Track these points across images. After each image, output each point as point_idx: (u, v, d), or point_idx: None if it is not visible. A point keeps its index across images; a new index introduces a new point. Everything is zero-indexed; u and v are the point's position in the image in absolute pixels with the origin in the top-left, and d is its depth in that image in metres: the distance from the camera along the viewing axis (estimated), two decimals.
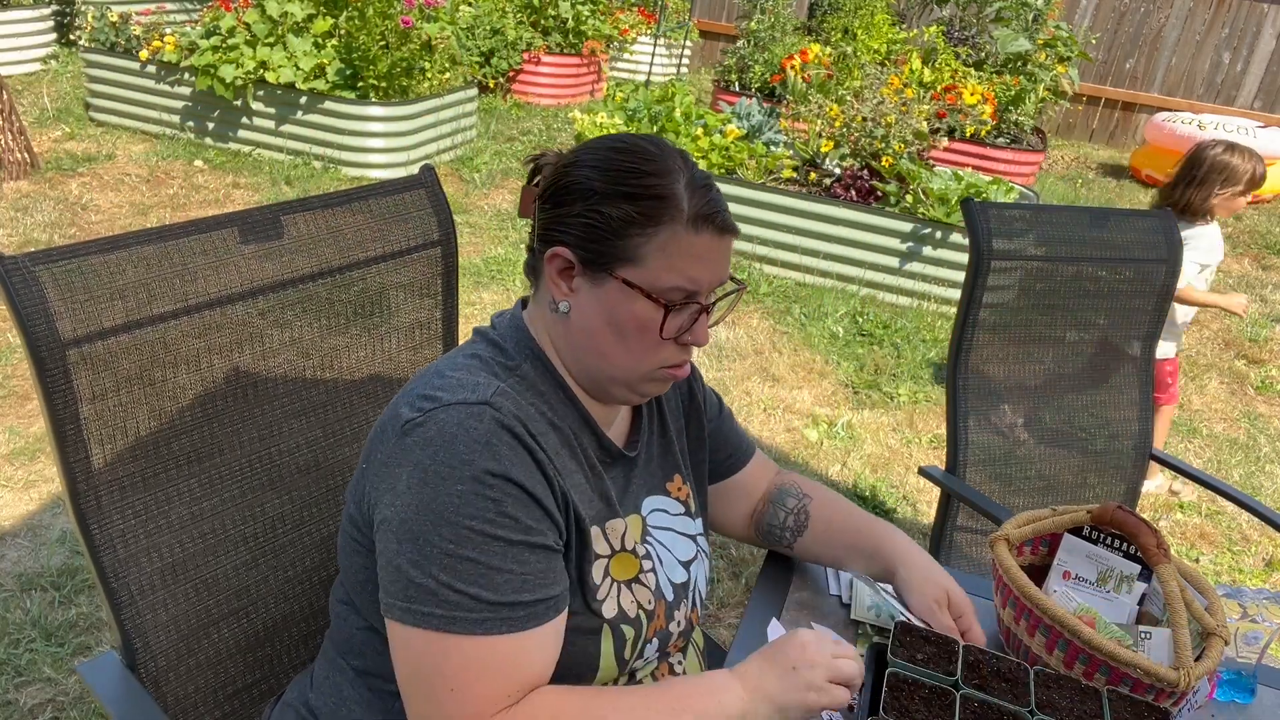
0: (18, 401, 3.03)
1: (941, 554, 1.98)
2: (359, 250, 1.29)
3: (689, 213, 0.95)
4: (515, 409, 0.94)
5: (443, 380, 0.95)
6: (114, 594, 1.11)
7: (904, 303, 4.48)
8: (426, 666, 0.89)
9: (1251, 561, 2.94)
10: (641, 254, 0.95)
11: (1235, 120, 6.83)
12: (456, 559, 0.87)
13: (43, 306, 0.99)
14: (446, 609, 0.87)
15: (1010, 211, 1.90)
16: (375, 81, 5.28)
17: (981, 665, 1.08)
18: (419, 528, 0.88)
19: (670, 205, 0.95)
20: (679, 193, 0.95)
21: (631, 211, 0.94)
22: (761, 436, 3.30)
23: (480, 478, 0.88)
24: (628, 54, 8.48)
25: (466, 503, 0.88)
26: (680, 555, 1.13)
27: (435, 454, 0.89)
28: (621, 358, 0.99)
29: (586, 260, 0.97)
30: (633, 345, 0.98)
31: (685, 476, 1.19)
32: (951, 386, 1.94)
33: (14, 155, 4.76)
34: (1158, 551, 1.15)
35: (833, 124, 4.92)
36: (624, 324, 0.97)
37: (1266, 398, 4.03)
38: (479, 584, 0.88)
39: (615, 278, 0.96)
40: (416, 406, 0.93)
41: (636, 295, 0.96)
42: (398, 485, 0.90)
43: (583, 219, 0.96)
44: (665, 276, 0.95)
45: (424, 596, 0.88)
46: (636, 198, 0.94)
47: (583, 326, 0.99)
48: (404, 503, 0.89)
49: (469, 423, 0.90)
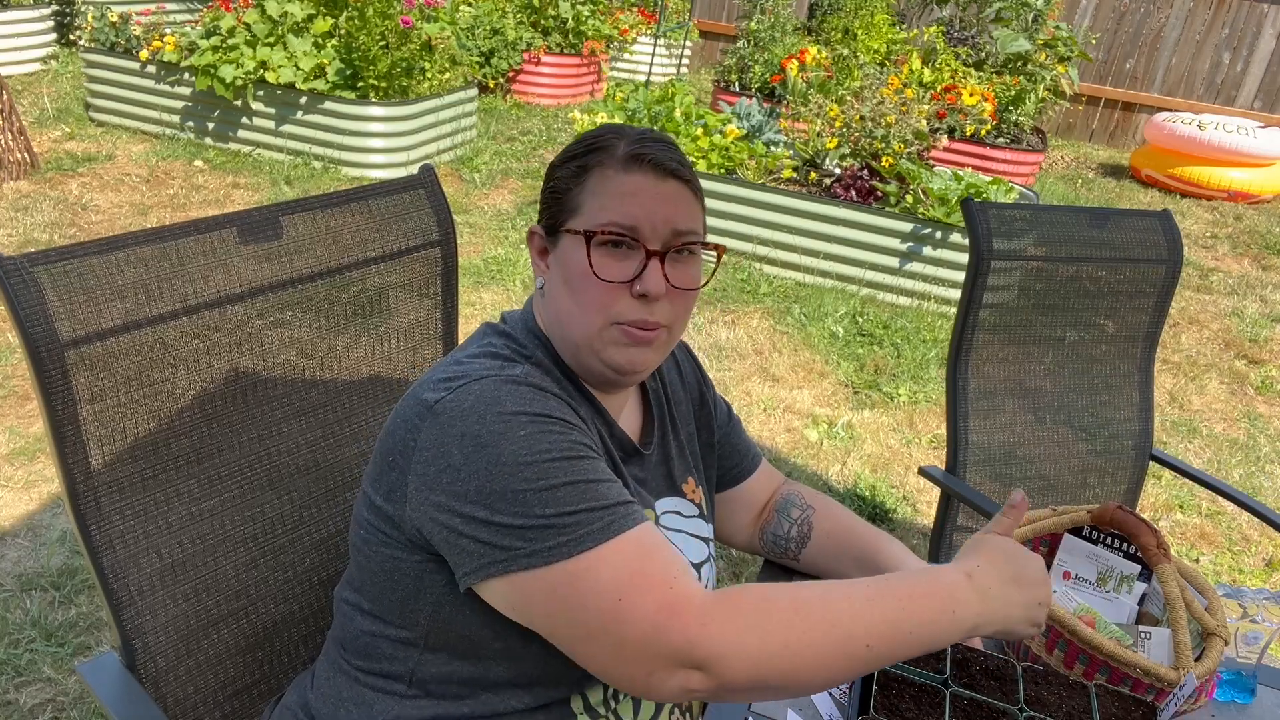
0: (18, 401, 3.03)
1: (941, 554, 1.98)
2: (358, 250, 1.29)
3: (621, 154, 0.97)
4: (542, 383, 0.94)
5: (461, 367, 0.95)
6: (113, 594, 1.11)
7: (904, 303, 4.48)
8: (581, 599, 0.83)
9: (1251, 561, 2.94)
10: (579, 201, 0.98)
11: (1235, 120, 6.82)
12: (552, 489, 0.84)
13: (41, 307, 0.99)
14: (570, 532, 0.83)
15: (1010, 211, 1.90)
16: (375, 81, 5.28)
17: (970, 663, 1.09)
18: (499, 485, 0.84)
19: (602, 150, 0.98)
20: (611, 141, 0.99)
21: (573, 167, 0.99)
22: (761, 436, 3.30)
23: (535, 420, 0.88)
24: (628, 54, 8.49)
25: (534, 443, 0.86)
26: (693, 557, 1.11)
27: (481, 417, 0.87)
28: (577, 315, 0.97)
29: (548, 229, 1.01)
30: (583, 298, 0.97)
31: (699, 480, 1.17)
32: (951, 386, 1.94)
33: (14, 155, 4.76)
34: (1158, 551, 1.15)
35: (833, 124, 4.92)
36: (573, 276, 0.97)
37: (1266, 398, 4.03)
38: (587, 498, 0.85)
39: (563, 232, 0.99)
40: (442, 387, 0.91)
41: (578, 241, 0.97)
42: (453, 461, 0.87)
43: (546, 192, 1.02)
44: (598, 215, 0.96)
45: (542, 534, 0.83)
46: (577, 155, 1.00)
47: (553, 296, 1.01)
48: (469, 472, 0.86)
49: (505, 387, 0.90)
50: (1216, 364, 4.28)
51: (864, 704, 1.04)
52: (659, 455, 1.13)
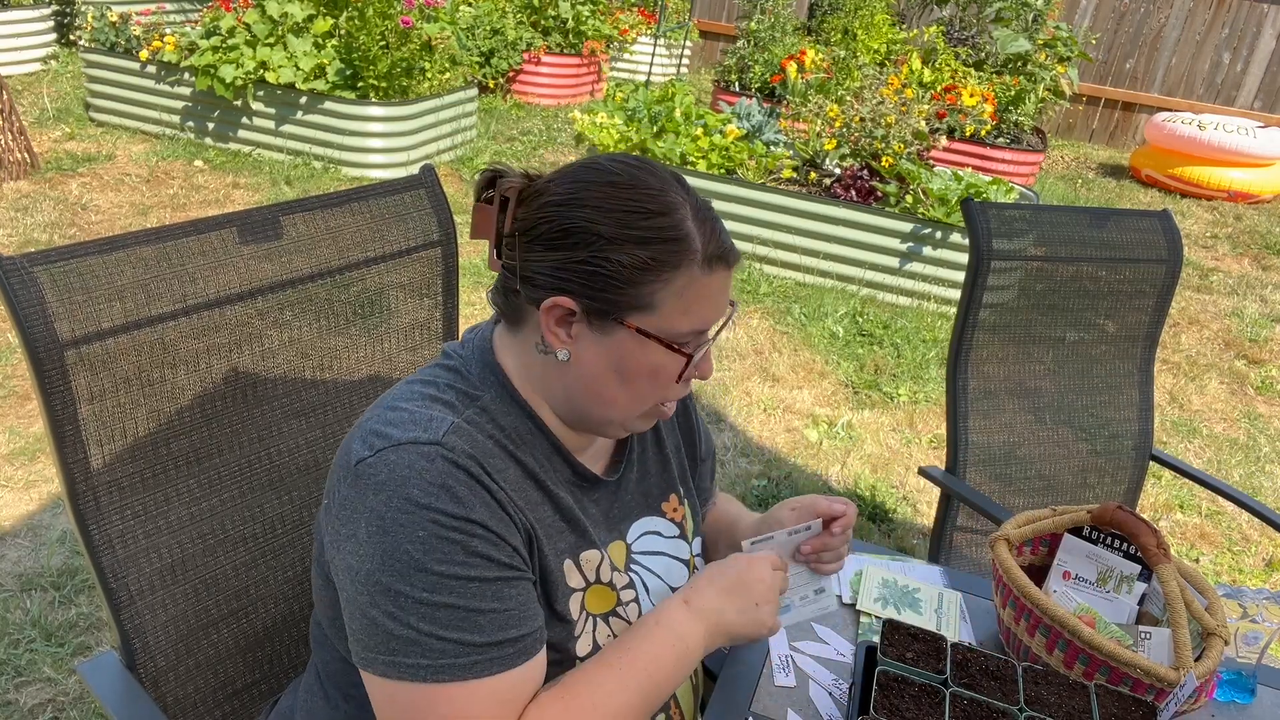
0: (18, 401, 3.03)
1: (941, 554, 1.98)
2: (358, 251, 1.29)
3: (703, 253, 0.90)
4: (469, 446, 0.89)
5: (395, 414, 0.90)
6: (113, 594, 1.11)
7: (904, 303, 4.48)
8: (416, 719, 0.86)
9: (1251, 561, 2.94)
10: (655, 300, 0.90)
11: (1235, 120, 6.82)
12: (434, 606, 0.84)
13: (41, 307, 0.99)
14: (432, 658, 0.84)
15: (1010, 211, 1.90)
16: (375, 81, 5.28)
17: (970, 663, 1.09)
18: (387, 579, 0.84)
19: (684, 247, 0.89)
20: (690, 231, 0.90)
21: (645, 258, 0.88)
22: (761, 436, 3.30)
23: (440, 521, 0.84)
24: (628, 54, 8.49)
25: (432, 548, 0.84)
26: (672, 581, 1.09)
27: (389, 500, 0.85)
28: (625, 402, 0.95)
29: (592, 309, 0.90)
30: (640, 390, 0.94)
31: (682, 496, 1.14)
32: (951, 386, 1.94)
33: (14, 155, 4.76)
34: (1158, 551, 1.15)
35: (832, 124, 4.92)
36: (634, 372, 0.93)
37: (1266, 398, 4.03)
38: (462, 628, 0.84)
39: (626, 326, 0.90)
40: (368, 443, 0.89)
41: (650, 343, 0.91)
42: (358, 533, 0.86)
43: (588, 266, 0.89)
44: (681, 321, 0.91)
45: (407, 648, 0.84)
46: (649, 242, 0.88)
47: (584, 374, 0.93)
48: (367, 553, 0.85)
49: (420, 464, 0.85)
50: (1216, 364, 4.28)
51: (864, 704, 1.04)
52: (639, 474, 1.09)
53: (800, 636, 1.23)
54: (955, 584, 1.37)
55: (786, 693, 1.13)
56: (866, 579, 1.33)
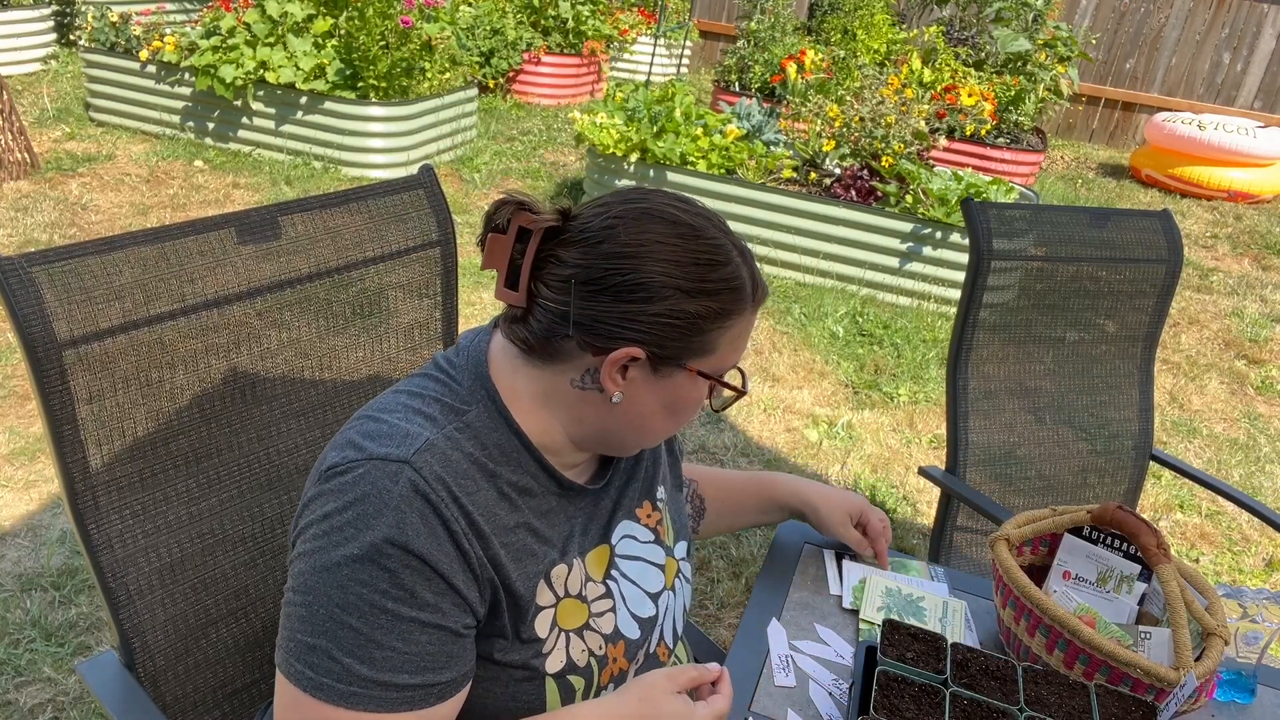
0: (18, 401, 3.03)
1: (941, 554, 1.98)
2: (358, 251, 1.29)
3: (753, 296, 0.95)
4: (441, 466, 0.87)
5: (375, 425, 0.90)
6: (112, 594, 1.11)
7: (904, 303, 4.48)
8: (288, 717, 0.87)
9: (1251, 561, 2.93)
10: (716, 344, 0.93)
11: (1235, 120, 6.82)
12: (339, 624, 0.84)
13: (39, 307, 0.99)
14: (317, 673, 0.84)
15: (1010, 211, 1.90)
16: (375, 81, 5.28)
17: (970, 663, 1.08)
18: (312, 582, 0.85)
19: (743, 294, 0.93)
20: (744, 277, 0.93)
21: (715, 308, 0.91)
22: (761, 437, 3.30)
23: (379, 545, 0.83)
24: (628, 54, 8.49)
25: (360, 568, 0.83)
26: (648, 587, 1.07)
27: (343, 510, 0.85)
28: (665, 431, 0.99)
29: (657, 357, 0.91)
30: (682, 420, 0.98)
31: (658, 502, 1.13)
32: (951, 386, 1.94)
33: (14, 155, 4.76)
34: (1158, 551, 1.15)
35: (832, 124, 4.92)
36: (683, 407, 0.96)
37: (1266, 398, 4.03)
38: (355, 655, 0.84)
39: (687, 370, 0.93)
40: (342, 452, 0.89)
41: (703, 381, 0.95)
42: (306, 533, 0.88)
43: (663, 319, 0.89)
44: (731, 358, 0.96)
45: (302, 653, 0.85)
46: (718, 294, 0.91)
47: (633, 412, 0.95)
48: (306, 551, 0.86)
49: (383, 483, 0.85)
50: (1216, 364, 4.28)
51: (864, 704, 1.04)
52: (622, 480, 1.08)
53: (800, 636, 1.23)
54: (956, 584, 1.37)
55: (786, 693, 1.13)
56: (870, 588, 1.32)
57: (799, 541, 1.42)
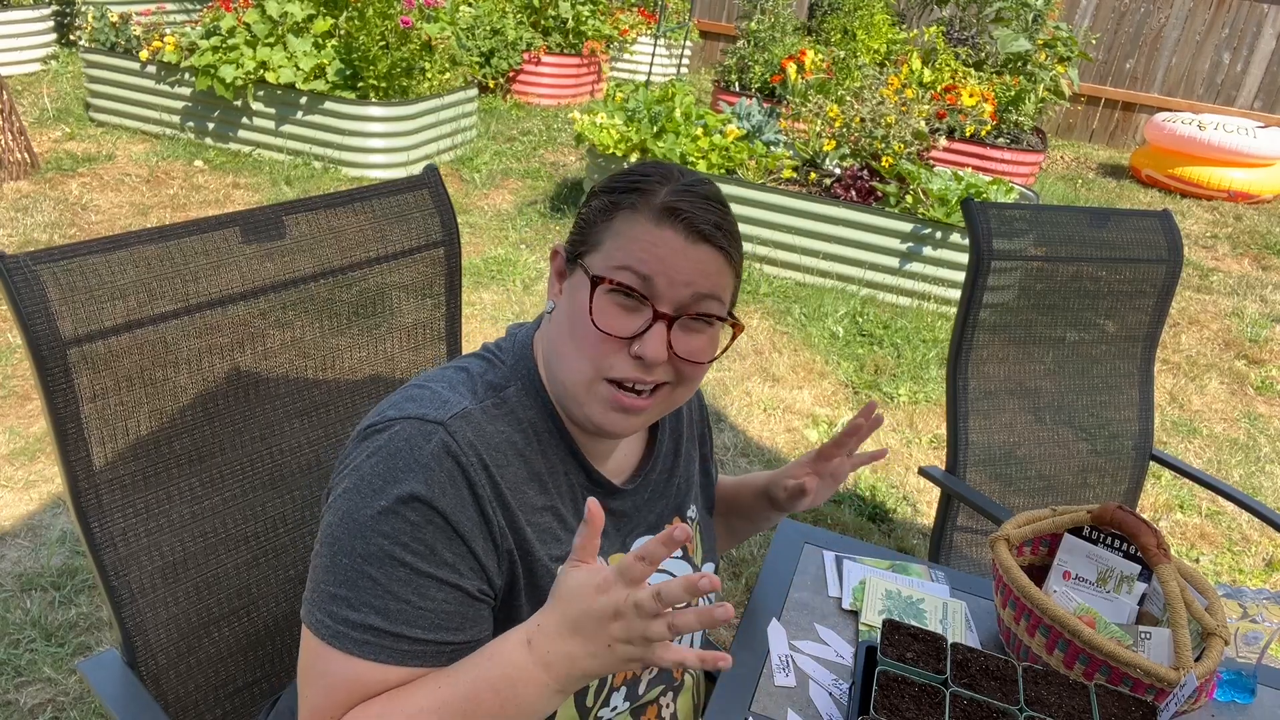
0: (18, 401, 3.03)
1: (941, 554, 1.99)
2: (360, 251, 1.29)
3: (658, 203, 0.89)
4: (475, 435, 0.89)
5: (419, 390, 0.93)
6: (114, 592, 1.11)
7: (904, 303, 4.48)
8: (308, 666, 0.88)
9: (1251, 561, 2.94)
10: (602, 239, 0.92)
11: (1235, 120, 6.82)
12: (359, 574, 0.85)
13: (44, 306, 0.99)
14: (335, 622, 0.86)
15: (1010, 211, 1.90)
16: (375, 82, 5.28)
17: (970, 663, 1.09)
18: (338, 533, 0.87)
19: (639, 194, 0.91)
20: (654, 187, 0.91)
21: (607, 200, 0.93)
22: (761, 436, 3.30)
23: (404, 498, 0.85)
24: (628, 54, 8.49)
25: (384, 519, 0.85)
26: None
27: (375, 465, 0.87)
28: (570, 357, 0.92)
29: (569, 255, 0.96)
30: (579, 340, 0.91)
31: (689, 520, 1.11)
32: (951, 386, 1.94)
33: (14, 155, 4.76)
34: (1158, 551, 1.15)
35: (832, 124, 4.92)
36: (576, 315, 0.91)
37: (1266, 398, 4.03)
38: (372, 605, 0.85)
39: (580, 265, 0.93)
40: (382, 413, 0.91)
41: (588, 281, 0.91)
42: (337, 488, 0.90)
43: (577, 216, 0.97)
44: (614, 258, 0.90)
45: (324, 602, 0.87)
46: (617, 190, 0.93)
47: (555, 325, 0.95)
48: (336, 506, 0.88)
49: (417, 440, 0.87)
50: (1216, 364, 4.28)
51: (864, 704, 1.04)
52: (651, 492, 1.07)
53: (800, 636, 1.23)
54: (956, 585, 1.37)
55: (786, 693, 1.14)
56: (870, 590, 1.32)
57: (799, 541, 1.42)
